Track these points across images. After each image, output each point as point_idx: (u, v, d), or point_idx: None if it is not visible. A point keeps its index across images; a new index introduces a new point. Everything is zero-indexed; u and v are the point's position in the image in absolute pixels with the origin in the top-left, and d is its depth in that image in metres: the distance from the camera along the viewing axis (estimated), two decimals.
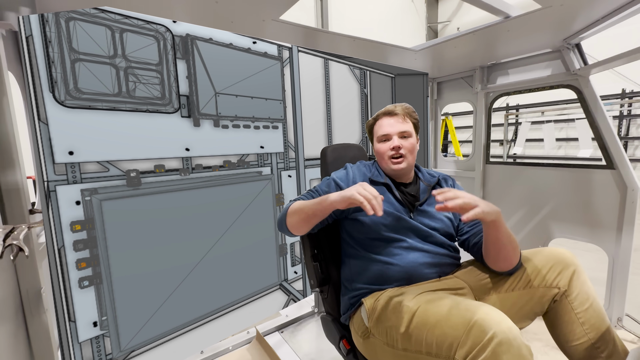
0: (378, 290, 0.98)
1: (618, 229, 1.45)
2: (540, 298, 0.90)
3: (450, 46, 1.43)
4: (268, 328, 1.61)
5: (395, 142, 1.06)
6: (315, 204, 0.92)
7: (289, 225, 0.98)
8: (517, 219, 1.86)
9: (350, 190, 0.84)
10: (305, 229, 0.98)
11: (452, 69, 1.92)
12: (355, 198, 0.81)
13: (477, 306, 0.71)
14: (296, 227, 0.98)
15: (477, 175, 1.99)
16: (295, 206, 0.98)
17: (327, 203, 0.88)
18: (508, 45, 1.49)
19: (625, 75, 5.34)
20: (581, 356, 0.86)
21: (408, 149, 1.07)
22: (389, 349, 0.84)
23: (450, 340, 0.69)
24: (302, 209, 0.95)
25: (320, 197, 0.93)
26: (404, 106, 1.12)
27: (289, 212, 0.98)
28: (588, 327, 0.86)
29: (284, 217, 1.00)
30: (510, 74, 1.78)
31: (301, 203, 0.97)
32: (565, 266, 0.90)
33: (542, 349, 1.40)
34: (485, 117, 1.94)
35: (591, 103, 1.47)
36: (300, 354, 1.43)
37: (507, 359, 0.62)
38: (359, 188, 0.83)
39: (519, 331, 0.65)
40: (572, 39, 1.39)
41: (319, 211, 0.92)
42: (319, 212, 0.92)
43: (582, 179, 1.57)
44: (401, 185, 1.11)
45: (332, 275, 1.16)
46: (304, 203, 0.96)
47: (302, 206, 0.96)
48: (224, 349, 1.44)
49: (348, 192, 0.83)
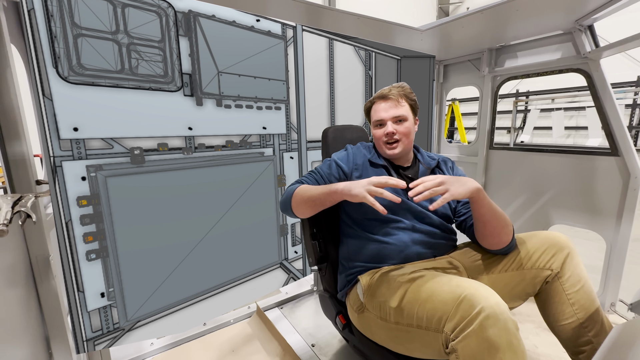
0: (374, 269, 1.01)
1: (618, 216, 1.45)
2: (533, 279, 0.92)
3: (457, 26, 1.39)
4: (268, 304, 1.67)
5: (389, 128, 1.06)
6: (324, 194, 0.92)
7: (294, 209, 0.99)
8: (518, 205, 1.86)
9: (360, 189, 0.83)
10: (310, 213, 0.99)
11: (460, 51, 1.88)
12: (367, 200, 0.81)
13: (468, 282, 0.73)
14: (301, 211, 0.99)
15: (480, 160, 1.98)
16: (302, 191, 0.97)
17: (337, 195, 0.89)
18: (517, 26, 1.45)
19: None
20: (569, 335, 0.89)
21: (403, 134, 1.06)
22: (382, 323, 0.87)
23: (440, 314, 0.72)
24: (310, 196, 0.95)
25: (328, 186, 0.92)
26: (400, 87, 1.09)
27: (294, 196, 0.98)
28: (577, 308, 0.88)
29: (289, 200, 1.00)
30: (519, 57, 1.73)
31: (307, 189, 0.97)
32: (560, 249, 0.91)
33: (533, 330, 1.43)
34: (491, 101, 1.91)
35: (600, 88, 1.44)
36: (299, 329, 1.49)
37: (493, 332, 0.64)
38: (369, 187, 0.82)
39: (506, 306, 0.67)
40: (584, 19, 1.34)
41: (327, 201, 0.93)
42: (328, 202, 0.93)
43: (585, 166, 1.56)
44: (400, 168, 1.12)
45: (330, 254, 1.19)
46: (311, 190, 0.96)
47: (309, 193, 0.95)
48: (226, 322, 1.51)
49: (360, 193, 0.82)
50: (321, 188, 0.94)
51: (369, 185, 0.82)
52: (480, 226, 0.95)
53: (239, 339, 1.40)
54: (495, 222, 0.91)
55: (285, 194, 1.03)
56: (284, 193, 1.04)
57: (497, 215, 0.91)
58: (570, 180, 1.62)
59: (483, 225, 0.94)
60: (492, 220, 0.91)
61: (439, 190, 0.80)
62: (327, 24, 1.40)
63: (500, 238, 0.93)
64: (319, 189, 0.94)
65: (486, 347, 0.64)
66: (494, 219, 0.91)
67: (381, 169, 1.09)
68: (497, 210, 0.91)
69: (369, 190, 0.81)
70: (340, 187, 0.88)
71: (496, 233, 0.93)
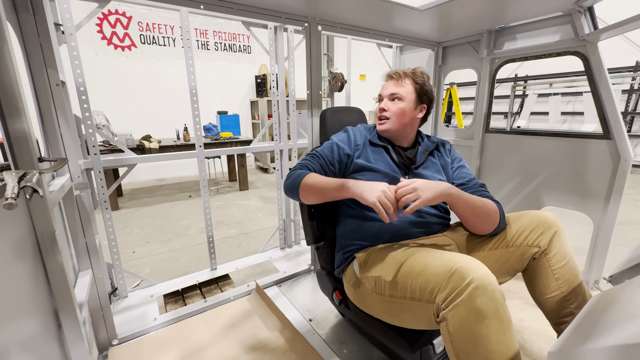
0: (370, 246, 1.05)
1: (606, 198, 1.49)
2: (521, 256, 0.96)
3: (457, 6, 1.37)
4: (267, 282, 1.72)
5: (382, 104, 1.09)
6: (334, 190, 0.94)
7: (302, 197, 1.01)
8: (510, 187, 1.90)
9: (372, 197, 0.84)
10: (316, 202, 1.01)
11: (458, 32, 1.85)
12: (377, 208, 0.83)
13: (460, 257, 0.77)
14: (309, 199, 1.01)
15: (476, 144, 2.00)
16: (311, 181, 0.98)
17: (347, 194, 0.91)
18: (518, 7, 1.43)
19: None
20: (553, 307, 0.94)
21: (394, 112, 1.08)
22: (377, 296, 0.92)
23: (432, 286, 0.76)
24: (320, 189, 0.96)
25: (339, 183, 0.94)
26: (412, 69, 1.10)
27: (303, 184, 0.99)
28: (562, 282, 0.93)
29: (297, 187, 1.00)
30: (518, 39, 1.72)
31: (317, 179, 0.98)
32: (548, 227, 0.95)
33: (520, 305, 1.51)
34: (489, 84, 1.91)
35: (596, 71, 1.45)
36: (297, 305, 1.54)
37: (482, 301, 0.68)
38: (381, 196, 0.84)
39: (495, 278, 0.71)
40: (585, 0, 1.33)
41: (337, 197, 0.95)
42: (337, 197, 0.96)
43: (577, 149, 1.59)
44: (400, 148, 1.14)
45: (328, 233, 1.23)
46: (320, 182, 0.97)
47: (319, 185, 0.97)
48: (226, 299, 1.56)
49: (371, 200, 0.84)
50: (331, 182, 0.96)
51: (382, 195, 0.84)
52: (462, 220, 1.01)
53: (239, 314, 1.46)
54: (475, 218, 0.96)
55: (292, 178, 1.03)
56: (289, 177, 1.05)
57: (477, 211, 0.95)
58: (562, 163, 1.65)
59: (464, 220, 1.00)
60: (472, 216, 0.96)
61: (410, 197, 0.84)
62: (324, 4, 1.37)
63: (484, 228, 0.98)
64: (329, 183, 0.96)
65: (474, 315, 0.68)
66: (472, 215, 0.96)
67: (380, 148, 1.11)
68: (475, 205, 0.95)
69: (380, 200, 0.84)
70: (352, 188, 0.90)
71: (478, 225, 0.98)
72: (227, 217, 3.30)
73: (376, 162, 1.08)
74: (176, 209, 3.59)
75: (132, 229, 3.04)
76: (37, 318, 0.71)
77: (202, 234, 2.86)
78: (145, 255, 2.47)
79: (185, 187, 4.68)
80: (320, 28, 1.54)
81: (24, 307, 0.66)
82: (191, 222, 3.18)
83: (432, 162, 1.13)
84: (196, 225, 3.07)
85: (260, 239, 2.75)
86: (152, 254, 2.48)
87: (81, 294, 0.97)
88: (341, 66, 6.08)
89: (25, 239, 0.70)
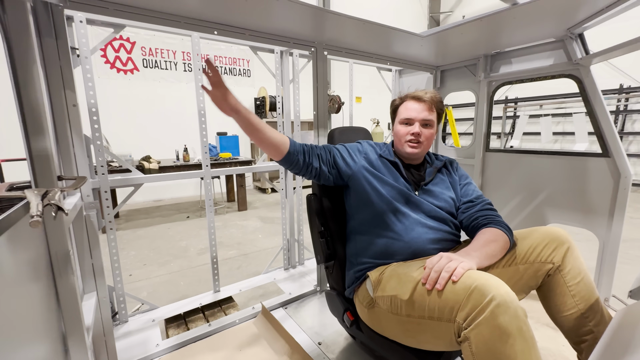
0: (383, 265, 1.03)
1: (610, 215, 1.51)
2: (535, 272, 0.96)
3: (457, 33, 1.45)
4: (272, 304, 1.67)
5: (416, 128, 1.10)
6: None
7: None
8: (514, 205, 1.92)
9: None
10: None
11: (456, 57, 1.94)
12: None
13: (477, 274, 0.76)
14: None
15: (477, 162, 2.04)
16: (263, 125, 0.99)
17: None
18: (513, 33, 1.51)
19: (623, 70, 5.37)
20: (571, 325, 0.93)
21: (426, 137, 1.12)
22: (393, 316, 0.89)
23: (451, 305, 0.75)
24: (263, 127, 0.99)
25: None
26: (434, 94, 1.14)
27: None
28: (579, 299, 0.92)
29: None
30: (514, 63, 1.80)
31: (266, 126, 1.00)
32: (560, 243, 0.95)
33: (533, 325, 1.46)
34: (487, 105, 1.97)
35: (591, 93, 1.51)
36: (304, 328, 1.50)
37: (504, 319, 0.67)
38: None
39: (515, 296, 0.71)
40: (575, 28, 1.42)
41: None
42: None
43: (577, 167, 1.63)
44: (410, 166, 1.17)
45: (338, 252, 1.22)
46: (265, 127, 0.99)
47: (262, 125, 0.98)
48: (231, 322, 1.50)
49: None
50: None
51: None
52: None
53: (245, 339, 1.40)
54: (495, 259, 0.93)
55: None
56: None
57: (498, 256, 0.93)
58: (564, 181, 1.69)
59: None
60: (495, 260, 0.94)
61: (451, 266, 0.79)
62: (328, 30, 1.43)
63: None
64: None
65: (498, 334, 0.67)
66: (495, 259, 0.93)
67: (389, 164, 1.14)
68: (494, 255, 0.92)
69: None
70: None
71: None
72: (226, 238, 3.25)
73: (385, 175, 1.11)
74: (174, 230, 3.53)
75: (129, 250, 2.97)
76: (46, 342, 0.68)
77: (201, 256, 2.80)
78: (143, 278, 2.40)
79: (183, 207, 4.63)
80: (326, 52, 1.60)
81: (34, 330, 0.64)
82: (189, 243, 3.12)
83: (441, 179, 1.15)
84: (195, 247, 3.01)
85: (260, 260, 2.70)
86: (149, 277, 2.42)
87: (88, 318, 0.93)
88: (337, 89, 6.25)
89: (40, 258, 0.68)
